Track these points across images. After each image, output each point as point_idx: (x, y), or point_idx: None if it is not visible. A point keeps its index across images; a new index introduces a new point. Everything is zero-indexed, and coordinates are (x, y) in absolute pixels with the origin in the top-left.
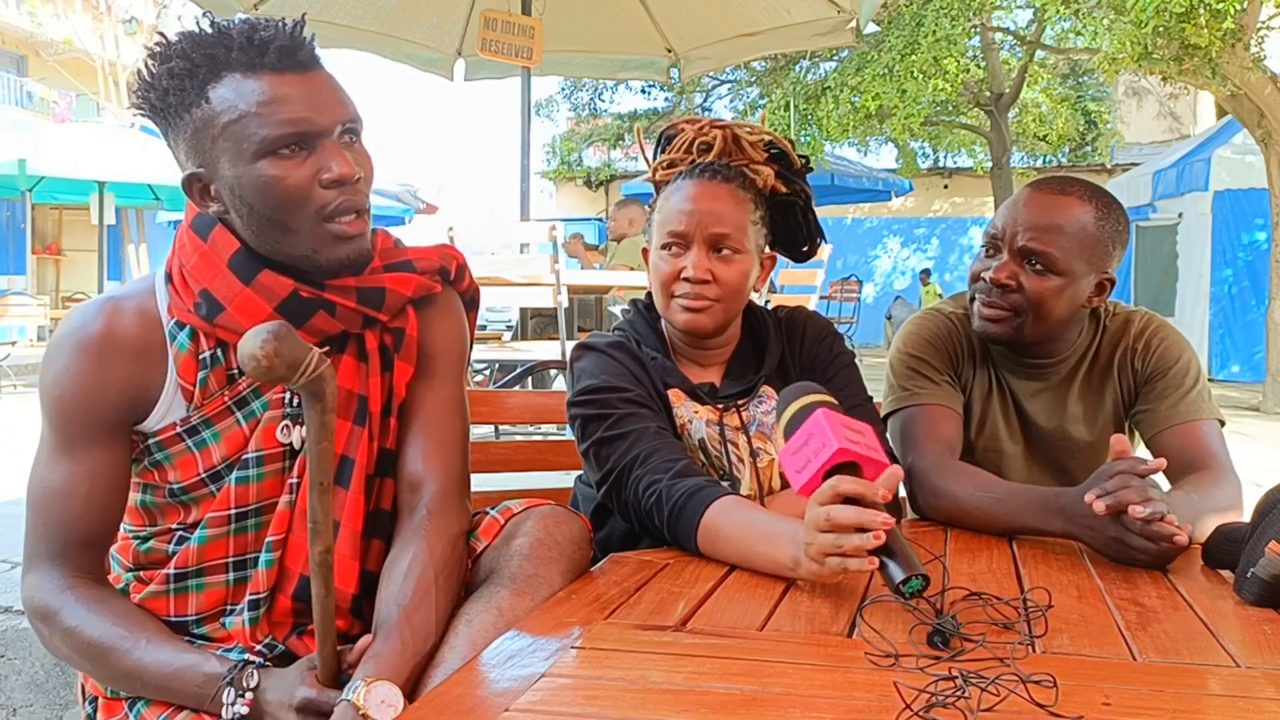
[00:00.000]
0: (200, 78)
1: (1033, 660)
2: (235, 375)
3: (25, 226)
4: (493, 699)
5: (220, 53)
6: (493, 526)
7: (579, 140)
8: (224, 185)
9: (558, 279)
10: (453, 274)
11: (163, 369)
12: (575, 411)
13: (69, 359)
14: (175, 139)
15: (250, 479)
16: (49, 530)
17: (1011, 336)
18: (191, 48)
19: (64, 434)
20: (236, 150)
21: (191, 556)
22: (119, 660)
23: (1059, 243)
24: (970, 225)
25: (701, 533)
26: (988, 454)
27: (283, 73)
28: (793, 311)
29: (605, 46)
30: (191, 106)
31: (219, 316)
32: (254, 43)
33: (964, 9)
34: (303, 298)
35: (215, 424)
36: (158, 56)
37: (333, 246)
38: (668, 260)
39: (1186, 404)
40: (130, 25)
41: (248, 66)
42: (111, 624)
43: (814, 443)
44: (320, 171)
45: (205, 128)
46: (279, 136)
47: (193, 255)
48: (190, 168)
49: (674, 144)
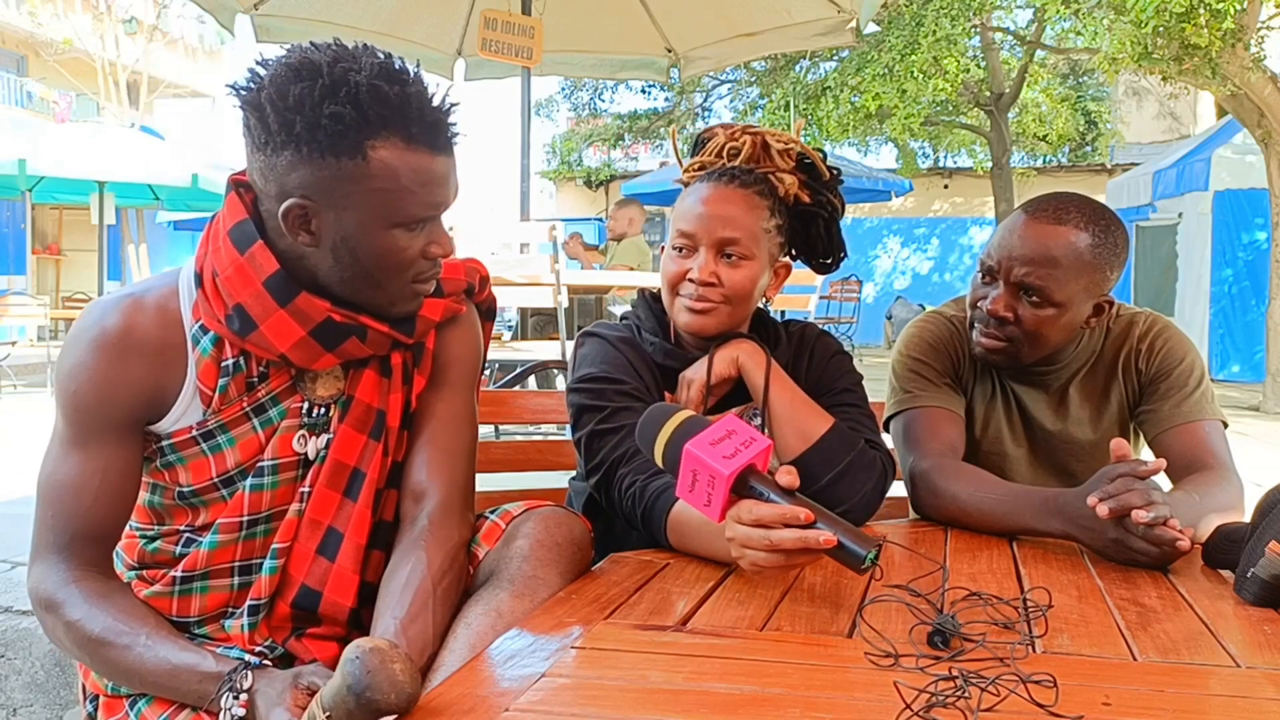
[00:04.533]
0: (365, 132)
1: (1033, 660)
2: (255, 383)
3: (25, 226)
4: (493, 699)
5: (394, 116)
6: (494, 531)
7: (579, 140)
8: (336, 231)
9: (558, 279)
10: (476, 287)
11: (181, 370)
12: (572, 398)
13: (86, 354)
14: (295, 164)
15: (265, 486)
16: (57, 522)
17: (1010, 363)
18: (370, 101)
19: (77, 428)
20: (376, 213)
21: (200, 560)
22: (119, 655)
23: (1055, 276)
24: (970, 225)
25: (670, 531)
26: (991, 456)
27: (437, 154)
28: (804, 327)
29: (605, 46)
30: (343, 154)
31: (251, 334)
32: (425, 118)
33: (964, 9)
34: (336, 323)
35: (231, 429)
36: (319, 87)
37: (408, 302)
38: (675, 260)
39: (1190, 404)
40: (130, 25)
41: (411, 138)
42: (113, 618)
43: (702, 477)
44: (429, 245)
45: (352, 180)
46: (422, 217)
47: (228, 266)
48: (298, 196)
49: (706, 148)
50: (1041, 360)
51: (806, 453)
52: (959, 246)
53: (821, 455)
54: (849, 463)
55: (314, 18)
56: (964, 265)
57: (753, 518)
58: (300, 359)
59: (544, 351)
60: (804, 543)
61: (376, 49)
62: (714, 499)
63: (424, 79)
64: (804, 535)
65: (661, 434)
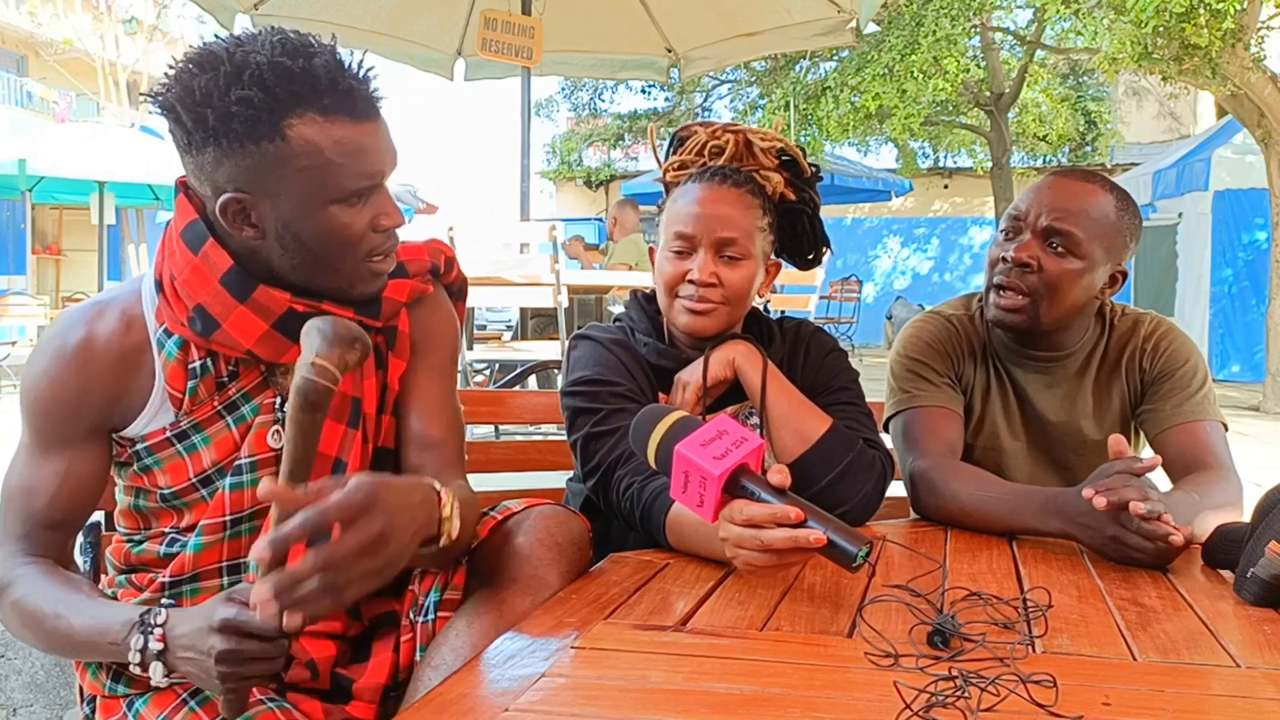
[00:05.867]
0: (278, 112)
1: (1033, 660)
2: (225, 382)
3: (25, 226)
4: (492, 699)
5: (304, 90)
6: (489, 525)
7: (579, 140)
8: (276, 219)
9: (558, 279)
10: (442, 268)
11: (147, 375)
12: (567, 402)
13: (49, 363)
14: (219, 159)
15: (245, 484)
16: (16, 518)
17: (1026, 324)
18: (274, 80)
19: (39, 436)
20: (308, 193)
21: (187, 564)
22: (53, 625)
23: (1082, 224)
24: (970, 225)
25: (669, 531)
26: (988, 452)
27: (359, 121)
28: (799, 325)
29: (605, 46)
30: (262, 139)
31: (215, 334)
32: (338, 86)
33: (964, 9)
34: (299, 313)
35: (205, 429)
36: (221, 75)
37: (368, 282)
38: (673, 262)
39: (1191, 405)
40: (130, 25)
41: (327, 109)
42: (54, 592)
43: (694, 478)
44: (376, 218)
45: (275, 164)
46: (358, 189)
47: (184, 269)
48: (230, 191)
49: (686, 146)
50: (1048, 344)
51: (805, 454)
52: (959, 246)
53: (820, 456)
54: (848, 463)
55: (314, 18)
56: (964, 265)
57: (744, 518)
58: (267, 353)
59: (544, 351)
60: (795, 542)
61: (281, 28)
62: (707, 500)
63: (332, 48)
64: (795, 534)
65: (654, 436)
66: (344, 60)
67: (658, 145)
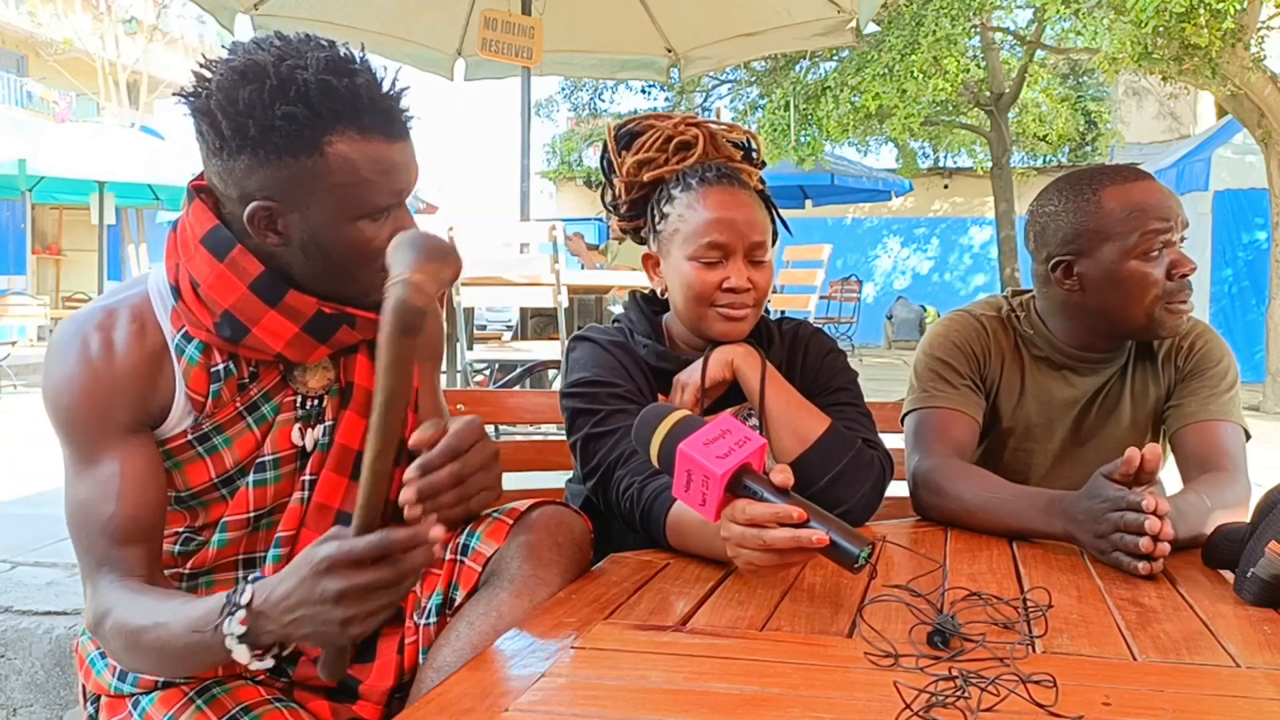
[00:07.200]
0: (320, 129)
1: (1033, 660)
2: (246, 383)
3: (25, 226)
4: (492, 699)
5: (346, 109)
6: (499, 529)
7: (579, 140)
8: (303, 229)
9: (558, 279)
10: None
11: (168, 378)
12: (566, 403)
13: (71, 369)
14: (253, 167)
15: (268, 481)
16: (89, 542)
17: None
18: (320, 97)
19: (79, 447)
20: (339, 208)
21: (209, 558)
22: (154, 637)
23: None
24: (970, 225)
25: (669, 531)
26: (1019, 454)
27: (394, 141)
28: (798, 326)
29: (605, 46)
30: (300, 153)
31: (245, 338)
32: (377, 106)
33: (964, 9)
34: (327, 314)
35: (226, 430)
36: (267, 88)
37: (381, 290)
38: (706, 271)
39: (1216, 404)
40: (130, 25)
41: (366, 129)
42: (148, 604)
43: (697, 477)
44: (397, 232)
45: (310, 177)
46: (386, 205)
47: (209, 275)
48: (260, 199)
49: (644, 142)
50: (1109, 345)
51: (804, 454)
52: (959, 246)
53: (819, 456)
54: (847, 463)
55: (314, 18)
56: (964, 265)
57: (746, 517)
58: (295, 355)
59: (544, 352)
60: (797, 541)
61: (320, 39)
62: (709, 499)
63: (371, 66)
64: (797, 534)
65: (657, 434)
66: (381, 78)
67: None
